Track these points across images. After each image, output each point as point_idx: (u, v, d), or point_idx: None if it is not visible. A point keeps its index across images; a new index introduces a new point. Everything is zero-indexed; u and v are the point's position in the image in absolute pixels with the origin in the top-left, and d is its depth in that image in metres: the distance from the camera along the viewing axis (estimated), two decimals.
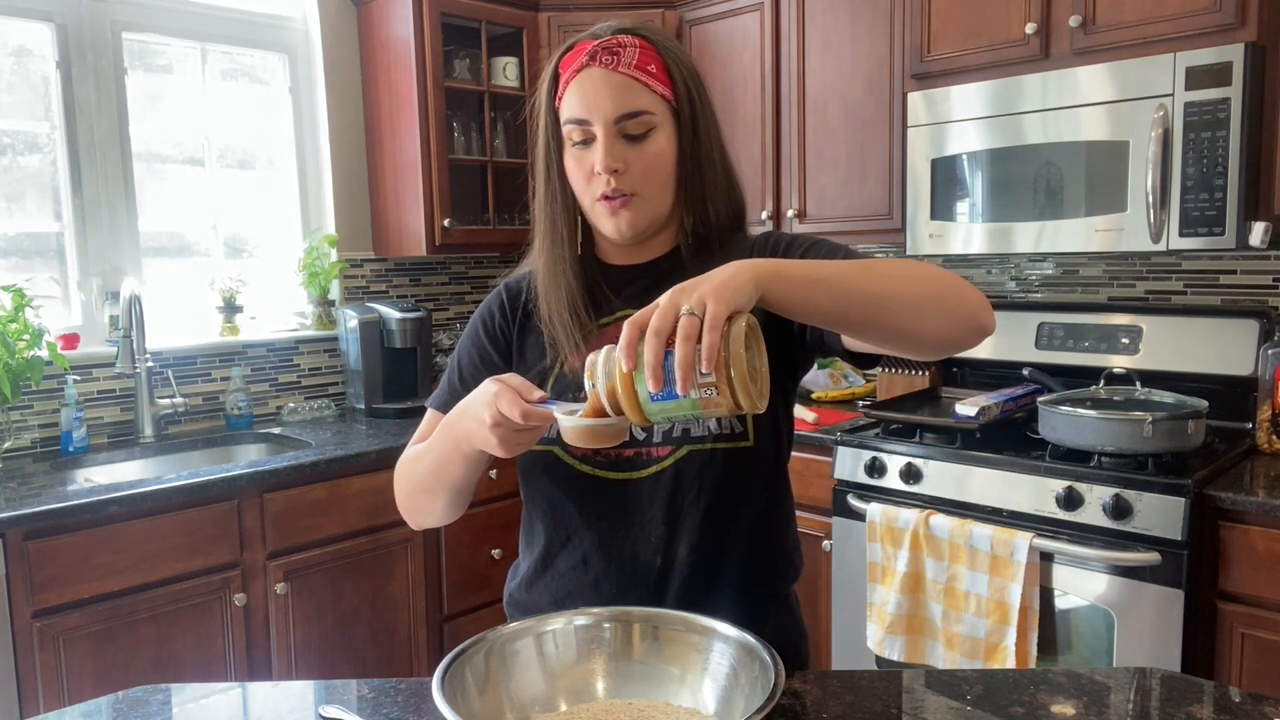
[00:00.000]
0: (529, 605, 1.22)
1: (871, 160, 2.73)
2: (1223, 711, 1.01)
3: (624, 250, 1.20)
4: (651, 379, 0.84)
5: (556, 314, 1.16)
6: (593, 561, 1.16)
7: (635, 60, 1.10)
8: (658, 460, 1.12)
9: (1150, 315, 2.50)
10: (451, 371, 1.25)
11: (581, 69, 1.11)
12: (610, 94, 1.09)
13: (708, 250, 1.17)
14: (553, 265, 1.18)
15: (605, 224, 1.14)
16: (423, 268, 3.46)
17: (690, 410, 0.86)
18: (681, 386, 0.83)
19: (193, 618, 2.26)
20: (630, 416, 0.88)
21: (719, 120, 1.19)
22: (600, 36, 1.13)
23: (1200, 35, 2.09)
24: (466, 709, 0.89)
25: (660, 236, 1.20)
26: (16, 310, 2.42)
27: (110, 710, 1.10)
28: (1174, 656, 1.94)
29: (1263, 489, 1.93)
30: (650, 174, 1.12)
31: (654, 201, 1.14)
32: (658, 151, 1.12)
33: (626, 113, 1.09)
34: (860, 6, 2.70)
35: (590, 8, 3.18)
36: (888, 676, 1.11)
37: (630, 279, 1.20)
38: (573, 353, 1.15)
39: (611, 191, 1.11)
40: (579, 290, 1.17)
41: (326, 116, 3.18)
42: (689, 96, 1.13)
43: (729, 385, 0.83)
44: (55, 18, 2.66)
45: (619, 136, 1.10)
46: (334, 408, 3.14)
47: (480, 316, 1.26)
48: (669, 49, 1.14)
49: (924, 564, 2.22)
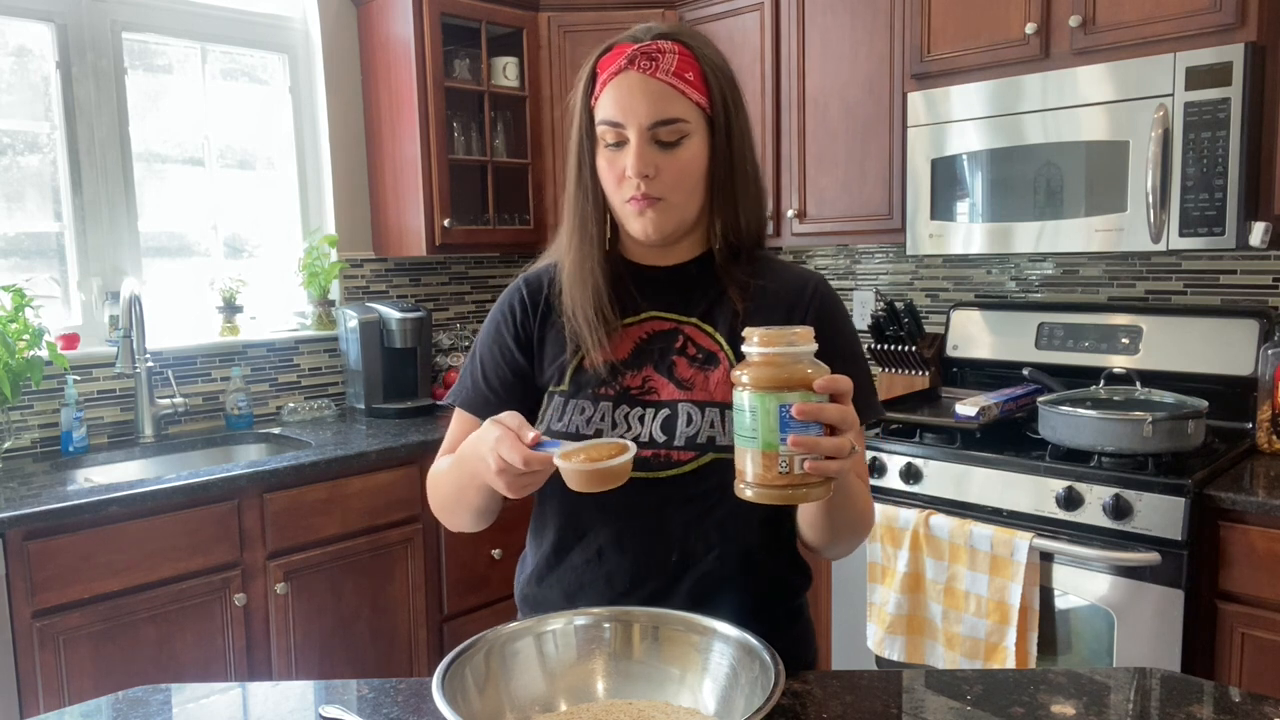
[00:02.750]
0: (539, 600, 1.22)
1: (871, 160, 2.73)
2: (1223, 711, 1.01)
3: (651, 251, 1.21)
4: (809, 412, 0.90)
5: (581, 310, 1.17)
6: (608, 555, 1.17)
7: (674, 67, 1.11)
8: (678, 464, 1.13)
9: (1150, 315, 2.50)
10: (473, 367, 1.26)
11: (620, 72, 1.12)
12: (646, 100, 1.10)
13: (736, 261, 1.19)
14: (581, 262, 1.18)
15: (633, 224, 1.15)
16: (423, 268, 3.46)
17: (758, 438, 0.91)
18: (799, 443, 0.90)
19: (193, 618, 2.26)
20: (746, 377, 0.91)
21: (751, 128, 1.20)
22: (640, 40, 1.13)
23: (1200, 35, 2.09)
24: (466, 709, 0.89)
25: (687, 240, 1.21)
26: (16, 310, 2.42)
27: (110, 710, 1.10)
28: (1174, 656, 1.94)
29: (1263, 489, 1.93)
30: (680, 181, 1.13)
31: (682, 207, 1.15)
32: (689, 159, 1.13)
33: (661, 119, 1.10)
34: (860, 6, 2.70)
35: (590, 7, 3.18)
36: (888, 676, 1.11)
37: (656, 280, 1.21)
38: (595, 349, 1.16)
39: (641, 195, 1.12)
40: (606, 288, 1.18)
41: (326, 116, 3.18)
42: (725, 105, 1.14)
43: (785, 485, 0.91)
44: (55, 18, 2.66)
45: (652, 142, 1.11)
46: (334, 408, 3.14)
47: (500, 311, 1.26)
48: (707, 56, 1.14)
49: (924, 564, 2.22)
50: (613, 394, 1.16)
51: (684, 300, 1.20)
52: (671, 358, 1.17)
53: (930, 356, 2.87)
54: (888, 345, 2.89)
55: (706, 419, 1.13)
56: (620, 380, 1.16)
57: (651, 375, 1.16)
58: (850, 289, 3.22)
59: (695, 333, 1.18)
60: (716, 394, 1.13)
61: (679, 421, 1.13)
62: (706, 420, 1.12)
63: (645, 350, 1.18)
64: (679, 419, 1.13)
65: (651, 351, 1.18)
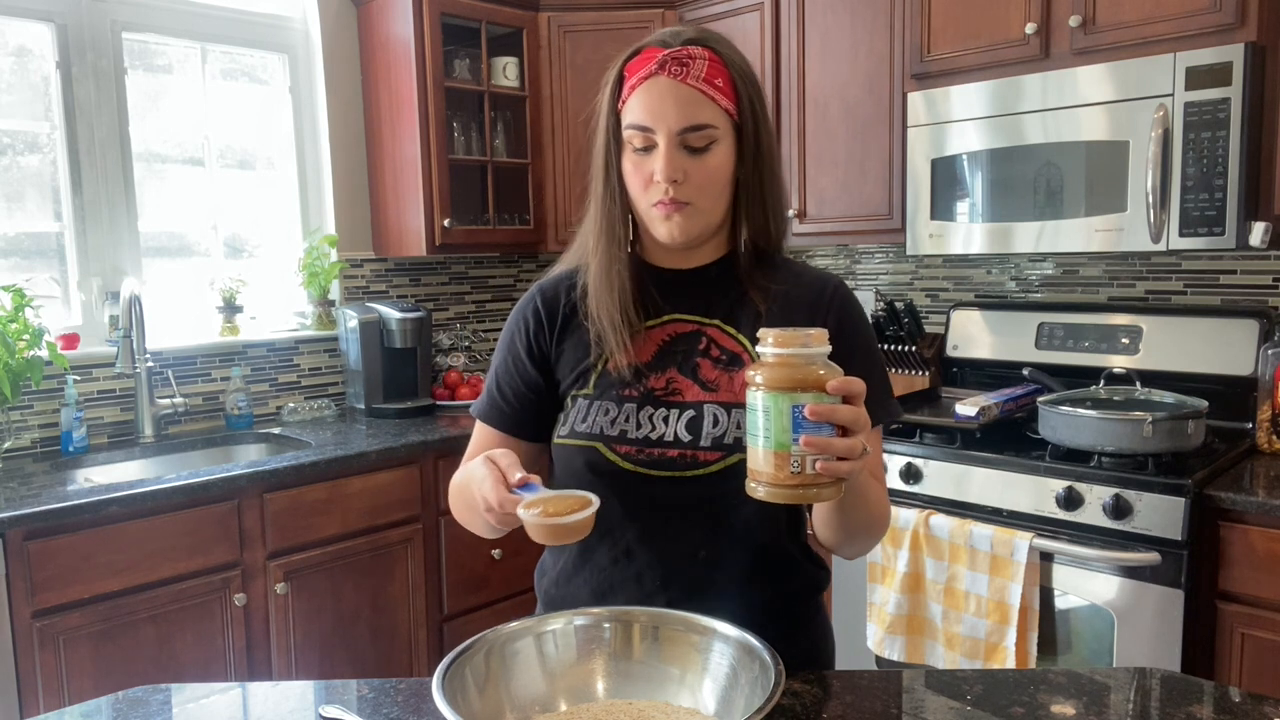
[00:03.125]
0: (568, 599, 1.22)
1: (871, 160, 2.73)
2: (1223, 711, 1.01)
3: (672, 254, 1.22)
4: (822, 413, 0.90)
5: (607, 313, 1.18)
6: (636, 554, 1.17)
7: (704, 73, 1.11)
8: (704, 465, 1.13)
9: (1150, 315, 2.50)
10: (490, 378, 1.27)
11: (650, 76, 1.12)
12: (677, 105, 1.10)
13: (759, 263, 1.21)
14: (608, 266, 1.19)
15: (659, 228, 1.16)
16: (423, 268, 3.46)
17: (771, 439, 0.92)
18: (811, 444, 0.90)
19: (193, 618, 2.26)
20: (761, 378, 0.92)
21: (775, 135, 1.21)
22: (670, 45, 1.13)
23: (1200, 35, 2.09)
24: (466, 709, 0.89)
25: (710, 244, 1.21)
26: (16, 310, 2.42)
27: (110, 710, 1.10)
28: (1174, 656, 1.94)
29: (1263, 489, 1.93)
30: (708, 186, 1.14)
31: (708, 212, 1.15)
32: (718, 165, 1.13)
33: (691, 125, 1.11)
34: (860, 6, 2.70)
35: (590, 7, 3.18)
36: (888, 676, 1.11)
37: (678, 283, 1.22)
38: (619, 352, 1.17)
39: (669, 199, 1.12)
40: (631, 292, 1.18)
41: (326, 116, 3.18)
42: (752, 112, 1.15)
43: (797, 485, 0.92)
44: (55, 18, 2.66)
45: (680, 147, 1.12)
46: (334, 408, 3.14)
47: (514, 322, 1.27)
48: (735, 63, 1.15)
49: (924, 564, 2.22)
50: (637, 395, 1.16)
51: (705, 303, 1.21)
52: (695, 359, 1.17)
53: (930, 356, 2.87)
54: (888, 345, 2.89)
55: (733, 420, 1.13)
56: (644, 382, 1.17)
57: (675, 377, 1.17)
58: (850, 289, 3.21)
59: (718, 334, 1.19)
60: (742, 395, 1.14)
61: (705, 422, 1.14)
62: (733, 421, 1.13)
63: (668, 352, 1.18)
64: (704, 420, 1.14)
65: (675, 353, 1.18)
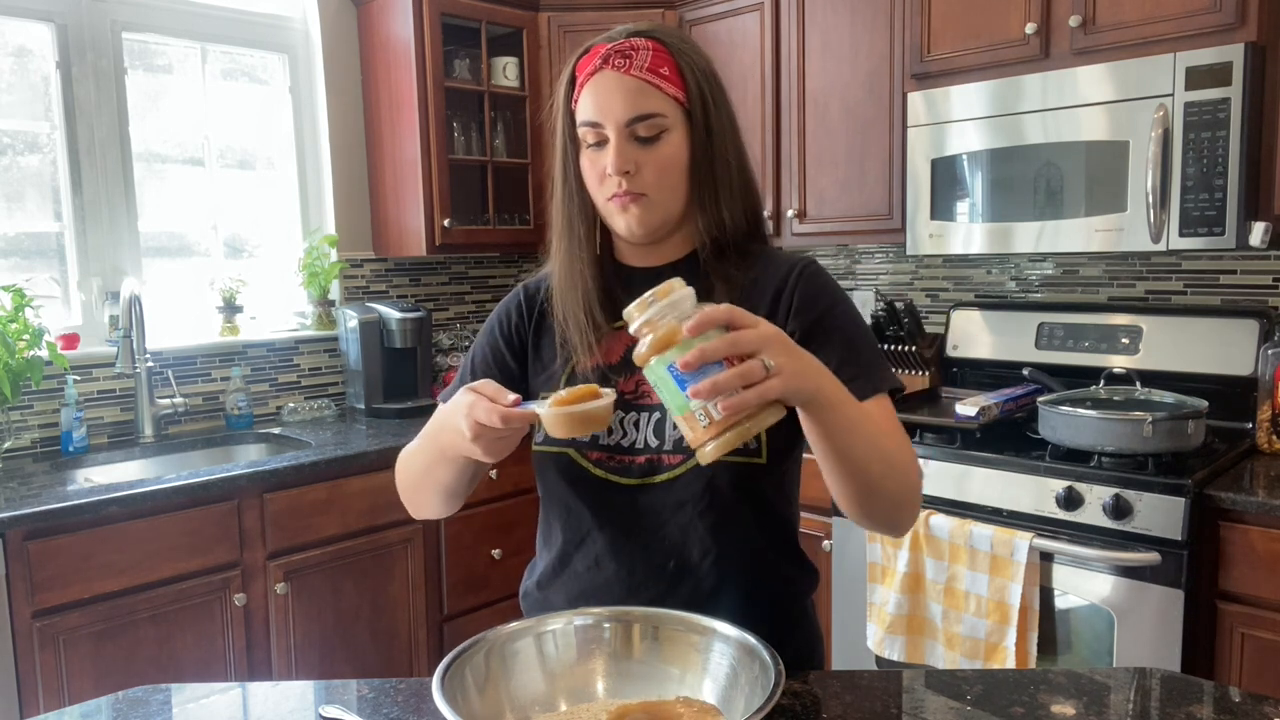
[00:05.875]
0: (544, 603, 1.22)
1: (871, 160, 2.73)
2: (1223, 711, 1.01)
3: (641, 252, 1.21)
4: (691, 360, 0.85)
5: (571, 314, 1.17)
6: (605, 563, 1.17)
7: (648, 63, 1.11)
8: (669, 468, 1.12)
9: (1150, 315, 2.50)
10: (465, 370, 1.26)
11: (595, 72, 1.12)
12: (622, 97, 1.10)
13: (724, 257, 1.17)
14: (570, 265, 1.18)
15: (617, 221, 1.15)
16: (423, 268, 3.46)
17: (672, 405, 0.89)
18: (697, 392, 0.85)
19: (193, 618, 2.26)
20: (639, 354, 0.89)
21: (737, 123, 1.18)
22: (614, 40, 1.13)
23: (1200, 35, 2.09)
24: (466, 709, 0.89)
25: (675, 238, 1.20)
26: (16, 310, 2.42)
27: (110, 710, 1.10)
28: (1174, 656, 1.94)
29: (1263, 489, 1.93)
30: (662, 176, 1.12)
31: (664, 202, 1.14)
32: (670, 154, 1.12)
33: (637, 115, 1.10)
34: (860, 6, 2.70)
35: (590, 7, 3.18)
36: (888, 676, 1.11)
37: (647, 281, 1.19)
38: (585, 353, 1.16)
39: (623, 192, 1.12)
40: (595, 291, 1.17)
41: (326, 116, 3.18)
42: (702, 98, 1.13)
43: (717, 434, 0.86)
44: (55, 18, 2.66)
45: (630, 139, 1.11)
46: (334, 408, 3.14)
47: (496, 316, 1.27)
48: (683, 51, 1.14)
49: (924, 564, 2.22)
50: None
51: None
52: None
53: (930, 356, 2.87)
54: (888, 345, 2.89)
55: None
56: (612, 385, 1.15)
57: (643, 379, 1.16)
58: (850, 289, 3.21)
59: None
60: None
61: (667, 425, 1.13)
62: None
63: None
64: (667, 423, 1.13)
65: None
